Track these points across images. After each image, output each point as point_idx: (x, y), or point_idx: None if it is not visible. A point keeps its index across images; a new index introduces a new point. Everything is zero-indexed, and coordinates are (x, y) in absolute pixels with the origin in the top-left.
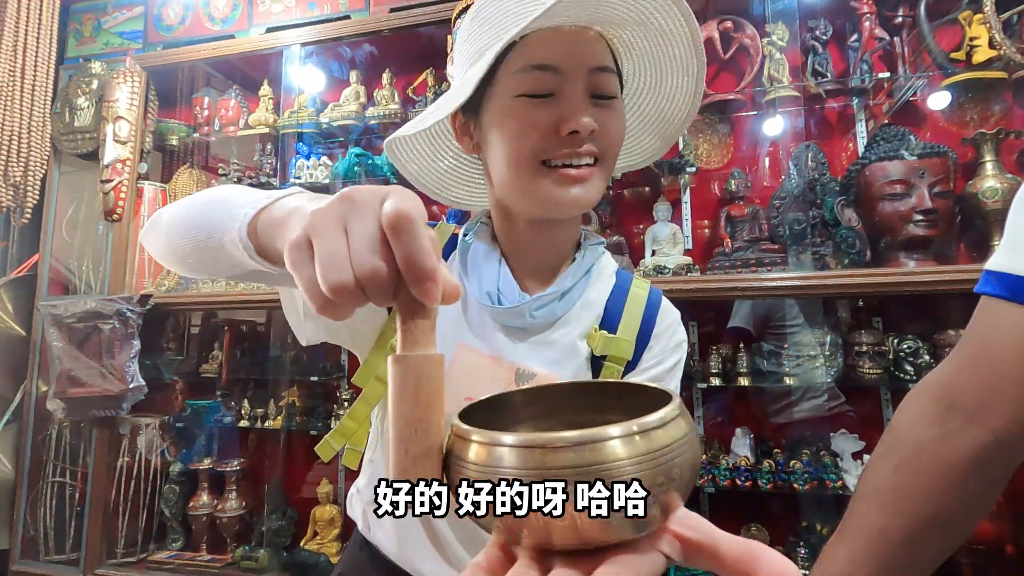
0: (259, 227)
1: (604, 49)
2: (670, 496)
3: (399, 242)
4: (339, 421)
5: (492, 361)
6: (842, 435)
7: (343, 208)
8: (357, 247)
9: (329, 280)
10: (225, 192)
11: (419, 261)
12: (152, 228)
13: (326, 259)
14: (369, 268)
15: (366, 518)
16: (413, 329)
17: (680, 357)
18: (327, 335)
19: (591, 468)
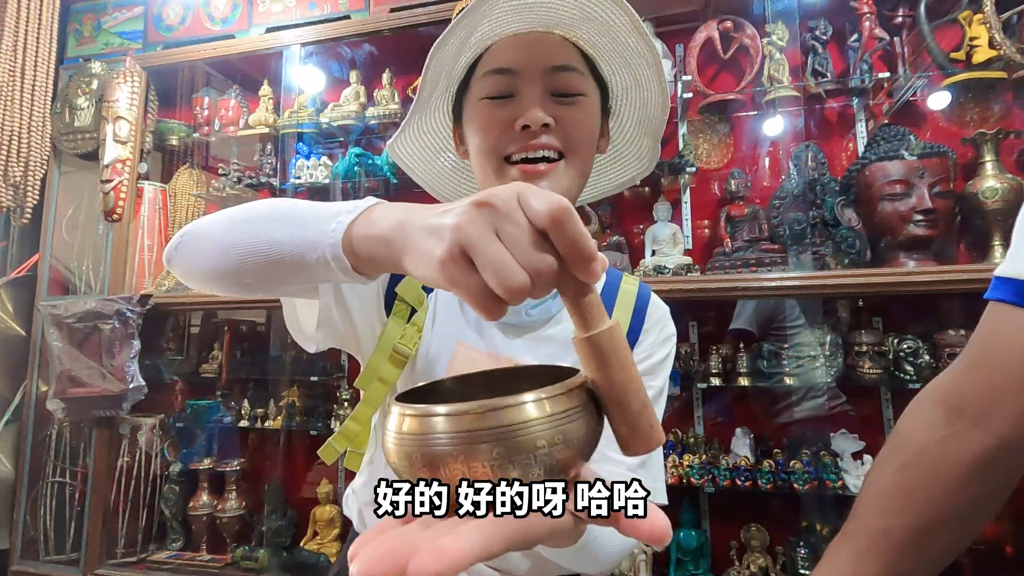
0: (356, 242)
1: (568, 51)
2: (567, 454)
3: (563, 234)
4: (342, 423)
5: (490, 358)
6: (842, 435)
7: (488, 215)
8: (521, 248)
9: (509, 284)
10: (285, 206)
11: (585, 247)
12: (190, 245)
13: (497, 266)
14: (542, 265)
15: (363, 517)
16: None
17: (670, 350)
18: (336, 341)
19: (506, 428)
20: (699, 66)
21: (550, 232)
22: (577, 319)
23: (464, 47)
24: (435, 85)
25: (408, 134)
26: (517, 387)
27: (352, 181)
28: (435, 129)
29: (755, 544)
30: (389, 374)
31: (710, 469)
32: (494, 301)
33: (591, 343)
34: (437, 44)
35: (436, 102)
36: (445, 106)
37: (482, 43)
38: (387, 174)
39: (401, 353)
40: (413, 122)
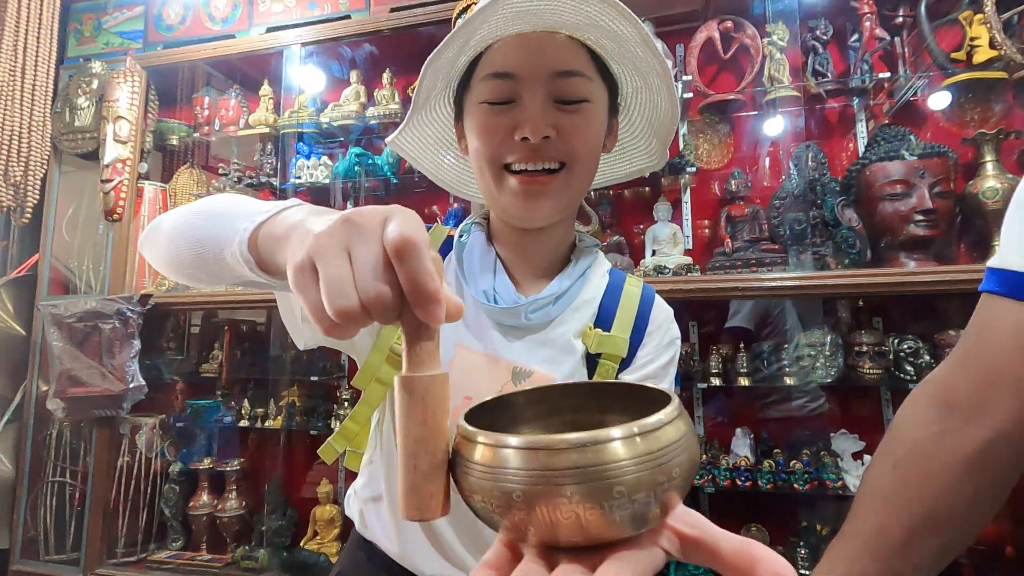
0: (260, 241)
1: (573, 53)
2: (669, 495)
3: (403, 266)
4: (341, 423)
5: (489, 360)
6: (842, 435)
7: (346, 232)
8: (361, 272)
9: (336, 305)
10: (225, 203)
11: (424, 285)
12: (151, 237)
13: (332, 284)
14: (374, 293)
15: (364, 518)
16: (418, 350)
17: (674, 354)
18: (325, 339)
19: (593, 469)
20: (699, 66)
21: (394, 263)
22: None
23: (463, 49)
24: (431, 91)
25: (409, 129)
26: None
27: (352, 181)
28: (436, 120)
29: None
30: (387, 375)
31: (710, 469)
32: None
33: (405, 383)
34: (435, 53)
35: (437, 96)
36: (447, 99)
37: (483, 43)
38: (387, 174)
39: (398, 354)
40: (412, 119)
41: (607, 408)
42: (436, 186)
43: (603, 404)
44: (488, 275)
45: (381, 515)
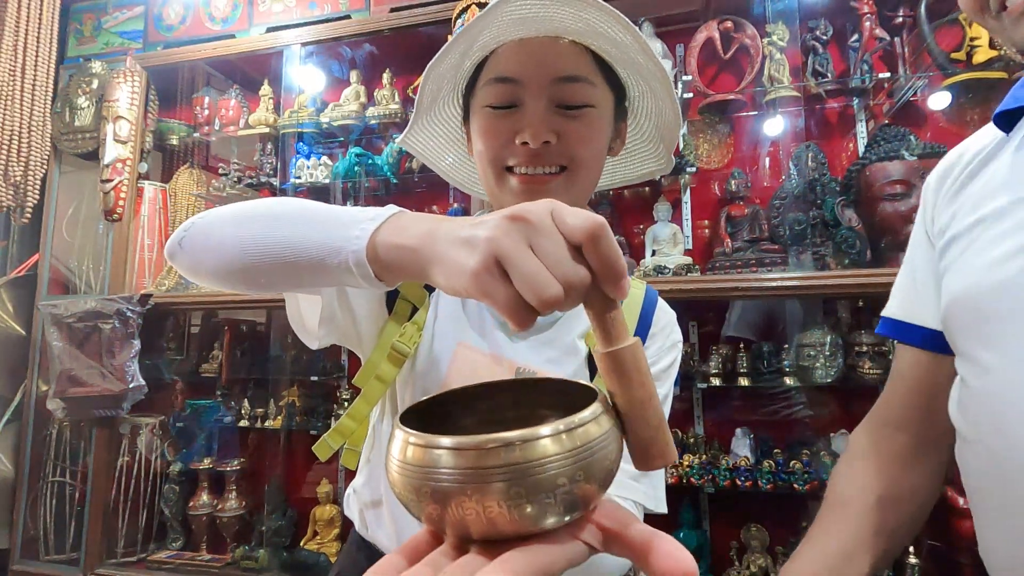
0: (380, 251)
1: (577, 58)
2: (591, 489)
3: (599, 249)
4: (338, 420)
5: (492, 360)
6: (842, 435)
7: (522, 228)
8: (556, 262)
9: (544, 295)
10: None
11: (617, 263)
12: (195, 244)
13: (533, 278)
14: (576, 278)
15: (363, 518)
16: (614, 323)
17: (676, 357)
18: (339, 338)
19: (522, 466)
20: (699, 66)
21: (585, 247)
22: (601, 333)
23: (467, 54)
24: (435, 95)
25: (418, 129)
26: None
27: (352, 181)
28: (447, 119)
29: (755, 544)
30: (387, 372)
31: (710, 469)
32: (526, 311)
33: (614, 358)
34: (436, 59)
35: (446, 97)
36: (455, 100)
37: (486, 48)
38: (387, 174)
39: (400, 352)
40: (418, 122)
41: (541, 404)
42: (436, 186)
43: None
44: None
45: (380, 514)
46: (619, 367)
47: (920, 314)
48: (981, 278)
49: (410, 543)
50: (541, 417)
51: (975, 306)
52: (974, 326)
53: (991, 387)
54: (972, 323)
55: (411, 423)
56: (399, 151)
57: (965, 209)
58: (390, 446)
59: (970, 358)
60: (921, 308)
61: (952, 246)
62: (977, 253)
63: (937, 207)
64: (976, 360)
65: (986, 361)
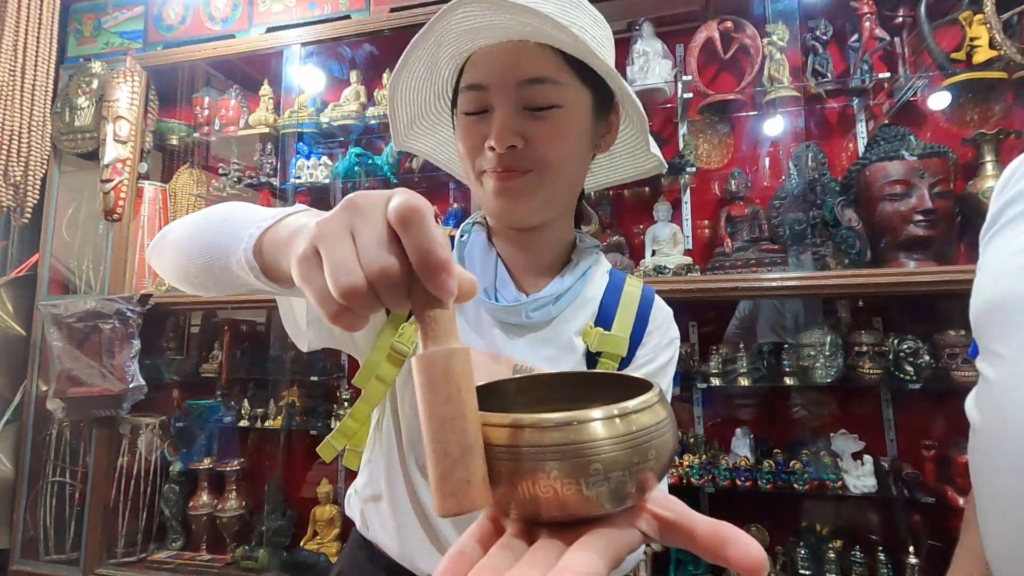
0: (264, 247)
1: (542, 60)
2: (646, 475)
3: (409, 235)
4: (340, 421)
5: (490, 358)
6: (842, 435)
7: (348, 214)
8: (365, 247)
9: (340, 284)
10: (230, 211)
11: (432, 253)
12: (158, 247)
13: (335, 264)
14: (379, 266)
15: (364, 518)
16: (432, 325)
17: (672, 354)
18: (330, 340)
19: (574, 446)
20: (699, 66)
21: (399, 233)
22: (420, 333)
23: (434, 66)
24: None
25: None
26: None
27: (352, 181)
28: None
29: None
30: (387, 373)
31: (710, 469)
32: (332, 303)
33: (423, 361)
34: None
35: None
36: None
37: (454, 58)
38: (387, 174)
39: (399, 352)
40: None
41: (594, 397)
42: (436, 186)
43: (591, 394)
44: (489, 273)
45: (382, 514)
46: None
47: None
48: (1002, 271)
49: (475, 531)
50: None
51: (995, 298)
52: (994, 319)
53: (1005, 378)
54: (992, 316)
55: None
56: (399, 151)
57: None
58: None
59: (991, 352)
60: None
61: (988, 242)
62: (1003, 245)
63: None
64: (995, 352)
65: (1001, 352)
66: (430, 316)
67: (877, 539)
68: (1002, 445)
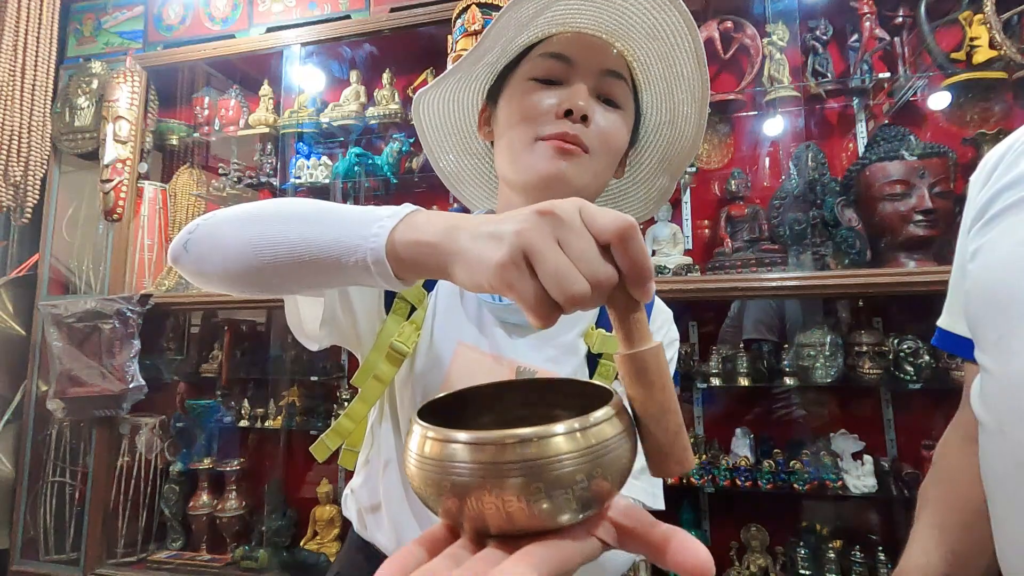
0: (399, 247)
1: (622, 63)
2: (605, 486)
3: (628, 249)
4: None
5: (492, 359)
6: (842, 435)
7: (551, 224)
8: (585, 259)
9: (571, 292)
10: (311, 207)
11: (645, 265)
12: (202, 247)
13: (560, 273)
14: (604, 277)
15: (362, 518)
16: (636, 325)
17: (672, 355)
18: (339, 339)
19: (537, 462)
20: None
21: (615, 247)
22: (623, 335)
23: (532, 21)
24: (495, 43)
25: (437, 97)
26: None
27: (352, 181)
28: (461, 105)
29: (755, 544)
30: (385, 372)
31: (710, 469)
32: (550, 307)
33: (636, 360)
34: (512, 4)
35: (476, 73)
36: (482, 85)
37: (548, 28)
38: (387, 174)
39: (398, 351)
40: (451, 80)
41: (556, 404)
42: (436, 187)
43: (553, 400)
44: None
45: (378, 512)
46: (640, 370)
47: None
48: (1007, 260)
49: (428, 535)
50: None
51: (999, 289)
52: (998, 311)
53: (1014, 374)
54: (996, 308)
55: (427, 420)
56: (399, 151)
57: (1003, 196)
58: (408, 440)
59: (994, 344)
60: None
61: (983, 229)
62: (1006, 234)
63: (978, 196)
64: (999, 346)
65: (1010, 347)
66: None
67: (877, 539)
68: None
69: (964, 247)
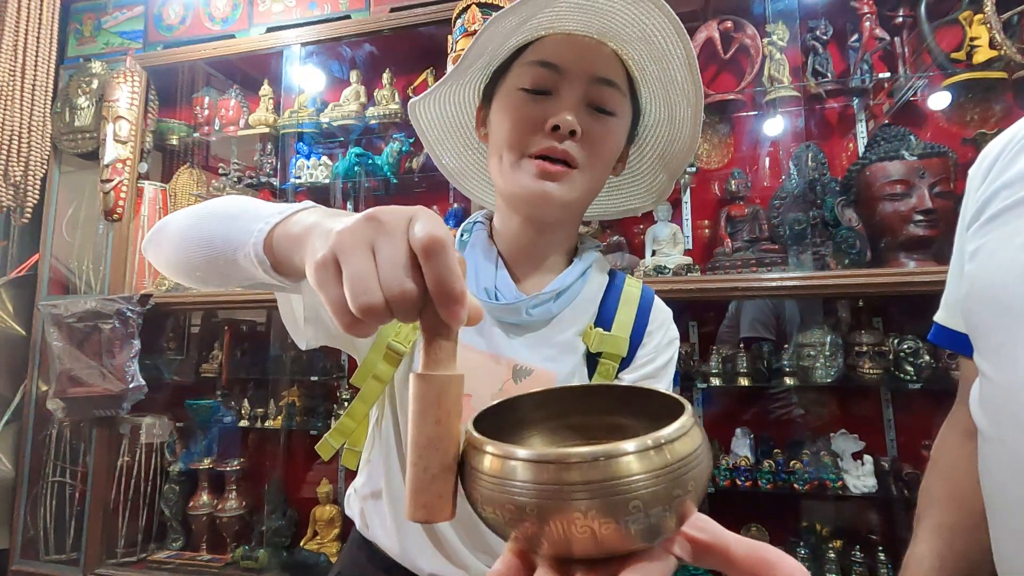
0: (275, 242)
1: (615, 66)
2: (685, 506)
3: (431, 265)
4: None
5: (489, 358)
6: (842, 435)
7: (370, 229)
8: (387, 269)
9: (360, 302)
10: (234, 204)
11: (450, 284)
12: (156, 239)
13: (356, 280)
14: (399, 290)
15: (364, 517)
16: (436, 349)
17: (673, 354)
18: (327, 339)
19: (605, 483)
20: (699, 66)
21: (422, 260)
22: (423, 354)
23: (518, 29)
24: (480, 55)
25: (433, 100)
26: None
27: (352, 181)
28: (459, 102)
29: None
30: (384, 372)
31: None
32: (348, 315)
33: (422, 381)
34: (497, 16)
35: (470, 76)
36: (478, 83)
37: (535, 31)
38: (387, 174)
39: (395, 351)
40: (443, 88)
41: (613, 410)
42: (436, 186)
43: (611, 407)
44: (490, 272)
45: (381, 513)
46: (423, 394)
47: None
48: (1008, 266)
49: (502, 569)
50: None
51: (1000, 295)
52: (998, 317)
53: (1014, 383)
54: (996, 313)
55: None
56: (399, 151)
57: (1002, 194)
58: (472, 461)
59: (994, 351)
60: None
61: (982, 229)
62: (1006, 238)
63: (976, 194)
64: (1000, 353)
65: (1011, 355)
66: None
67: (877, 539)
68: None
69: (963, 245)
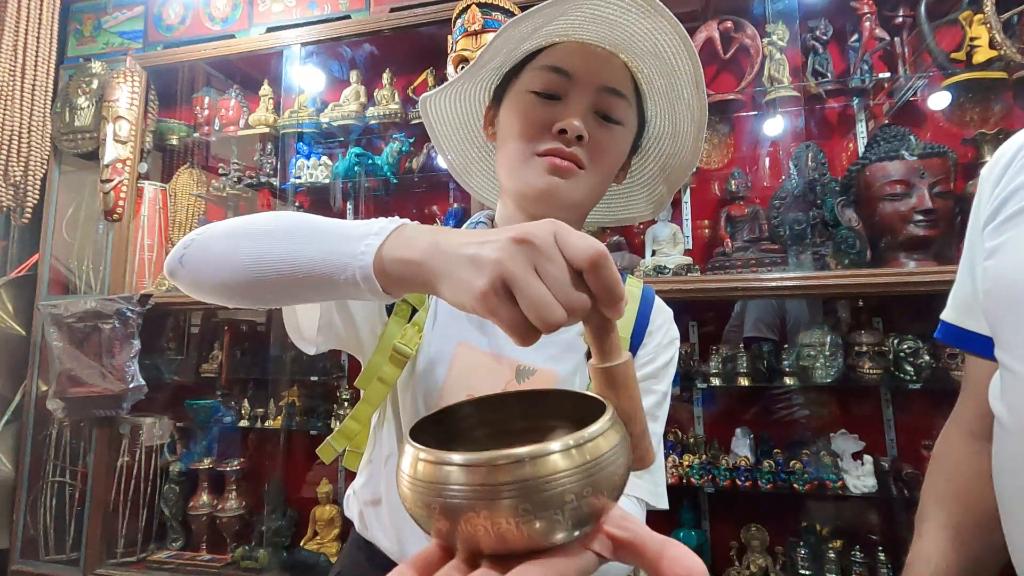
0: (386, 264)
1: (624, 78)
2: (601, 502)
3: (599, 276)
4: (341, 422)
5: (492, 358)
6: (842, 435)
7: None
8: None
9: (549, 320)
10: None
11: (616, 288)
12: (196, 261)
13: (539, 302)
14: (579, 304)
15: (363, 518)
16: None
17: (673, 354)
18: (337, 343)
19: (533, 482)
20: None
21: (587, 274)
22: (597, 350)
23: (533, 34)
24: (494, 56)
25: (444, 97)
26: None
27: (352, 181)
28: (469, 101)
29: (755, 544)
30: (389, 374)
31: (710, 469)
32: (531, 331)
33: (608, 373)
34: (514, 20)
35: (482, 76)
36: (489, 83)
37: (550, 38)
38: (387, 174)
39: (401, 353)
40: (456, 86)
41: (551, 415)
42: (436, 186)
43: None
44: None
45: (380, 514)
46: (612, 381)
47: (981, 319)
48: None
49: (421, 556)
50: (550, 429)
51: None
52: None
53: None
54: (1019, 310)
55: (421, 435)
56: (399, 151)
57: (1020, 193)
58: (400, 461)
59: (1018, 346)
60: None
61: (1002, 227)
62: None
63: (993, 193)
64: (1020, 344)
65: None
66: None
67: (877, 539)
68: None
69: (978, 244)
